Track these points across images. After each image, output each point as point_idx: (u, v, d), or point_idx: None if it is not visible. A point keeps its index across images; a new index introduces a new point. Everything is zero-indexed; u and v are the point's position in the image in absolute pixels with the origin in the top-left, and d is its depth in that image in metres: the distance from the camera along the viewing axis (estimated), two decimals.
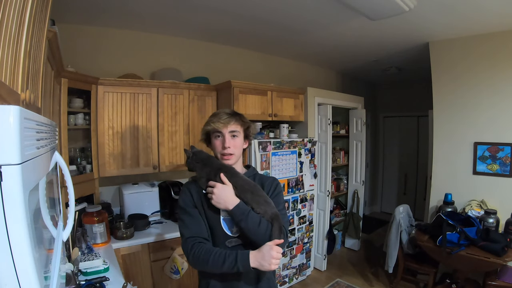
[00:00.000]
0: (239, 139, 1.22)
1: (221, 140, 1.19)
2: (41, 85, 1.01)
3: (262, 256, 1.01)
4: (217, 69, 3.20)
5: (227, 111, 1.22)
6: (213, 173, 1.14)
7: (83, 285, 1.46)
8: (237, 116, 1.22)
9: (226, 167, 1.17)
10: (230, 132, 1.19)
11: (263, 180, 1.26)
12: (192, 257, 1.10)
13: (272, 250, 1.01)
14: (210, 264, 1.06)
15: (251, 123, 1.28)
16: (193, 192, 1.19)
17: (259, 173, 1.32)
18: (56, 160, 0.92)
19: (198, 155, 1.20)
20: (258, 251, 1.03)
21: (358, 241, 4.02)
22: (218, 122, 1.17)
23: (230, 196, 1.10)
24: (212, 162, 1.18)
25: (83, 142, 2.38)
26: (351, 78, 5.05)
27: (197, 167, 1.18)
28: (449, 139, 2.98)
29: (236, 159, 1.21)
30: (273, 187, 1.24)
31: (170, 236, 2.30)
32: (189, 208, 1.17)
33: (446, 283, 2.59)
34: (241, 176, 1.17)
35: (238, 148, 1.21)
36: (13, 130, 0.48)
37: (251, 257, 1.02)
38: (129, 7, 2.28)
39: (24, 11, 0.71)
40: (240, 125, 1.22)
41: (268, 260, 1.00)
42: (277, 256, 1.01)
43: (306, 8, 2.35)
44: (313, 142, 3.19)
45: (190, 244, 1.11)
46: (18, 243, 0.50)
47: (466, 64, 2.87)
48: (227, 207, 1.09)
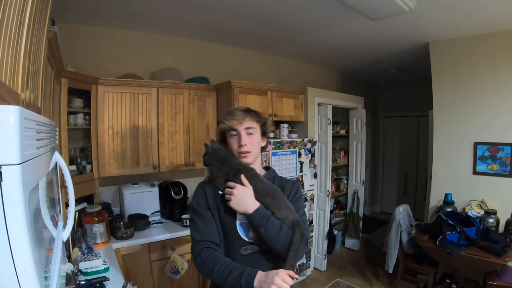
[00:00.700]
0: (256, 136, 1.16)
1: (237, 138, 1.14)
2: (41, 85, 1.01)
3: (265, 279, 0.92)
4: (217, 69, 3.20)
5: (242, 108, 1.18)
6: (232, 173, 1.08)
7: (83, 285, 1.46)
8: (252, 112, 1.17)
9: (246, 168, 1.11)
10: (246, 129, 1.13)
11: (283, 183, 1.20)
12: (199, 263, 1.05)
13: (277, 276, 0.91)
14: (215, 273, 1.00)
15: (267, 119, 1.22)
16: (208, 192, 1.13)
17: (279, 175, 1.26)
18: (56, 160, 0.92)
19: (217, 153, 1.13)
20: (265, 273, 0.95)
21: (358, 241, 4.02)
22: (233, 119, 1.12)
23: (250, 199, 1.04)
24: (231, 161, 1.11)
25: (83, 142, 2.38)
26: (351, 78, 5.05)
27: (215, 165, 1.12)
28: (449, 139, 2.98)
29: (254, 158, 1.16)
30: (293, 191, 1.17)
31: (170, 236, 2.30)
32: (202, 209, 1.11)
33: (446, 283, 2.59)
34: (261, 179, 1.11)
35: (255, 145, 1.15)
36: (13, 130, 0.48)
37: (257, 276, 0.94)
38: (129, 7, 2.28)
39: (24, 11, 0.71)
40: (256, 121, 1.16)
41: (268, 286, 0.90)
42: (280, 284, 0.90)
43: (306, 8, 2.35)
44: (313, 142, 3.19)
45: (198, 249, 1.06)
46: (18, 243, 0.49)
47: (466, 64, 2.86)
48: (246, 210, 1.02)
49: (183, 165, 2.65)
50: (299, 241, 1.02)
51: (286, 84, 3.54)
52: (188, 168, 2.68)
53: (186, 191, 2.67)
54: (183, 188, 2.65)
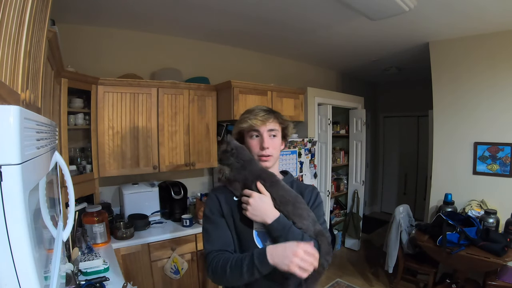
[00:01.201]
0: (278, 139, 1.09)
1: (259, 140, 1.05)
2: (41, 85, 1.01)
3: (282, 252, 0.83)
4: (217, 69, 3.20)
5: (263, 108, 1.08)
6: (251, 179, 0.99)
7: (83, 285, 1.46)
8: (275, 114, 1.08)
9: (267, 174, 1.02)
10: (269, 131, 1.05)
11: (301, 188, 1.11)
12: (212, 272, 0.95)
13: (298, 247, 0.83)
14: (229, 273, 0.90)
15: (289, 122, 1.14)
16: (222, 199, 1.04)
17: (296, 180, 1.17)
18: (56, 160, 0.92)
19: (240, 152, 1.01)
20: (280, 246, 0.86)
21: (358, 241, 4.02)
22: (255, 118, 1.03)
23: (269, 207, 0.95)
24: (252, 165, 1.01)
25: (83, 142, 2.38)
26: (351, 78, 5.05)
27: (235, 167, 1.00)
28: (449, 139, 2.98)
29: (274, 161, 1.08)
30: (313, 197, 1.09)
31: (170, 236, 2.30)
32: (216, 217, 1.02)
33: (446, 283, 2.59)
34: (282, 185, 1.02)
35: (276, 149, 1.08)
36: (13, 130, 0.48)
37: (269, 252, 0.84)
38: (129, 7, 2.28)
39: (24, 11, 0.71)
40: (279, 124, 1.08)
41: (289, 257, 0.81)
42: (301, 255, 0.81)
43: (306, 8, 2.35)
44: (313, 142, 3.19)
45: (210, 259, 0.97)
46: (18, 243, 0.49)
47: (466, 64, 2.86)
48: (264, 220, 0.94)
49: (183, 165, 2.65)
50: (328, 251, 0.94)
51: (286, 84, 3.54)
52: (188, 168, 2.68)
53: (186, 191, 2.67)
54: (183, 188, 2.65)
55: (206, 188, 3.17)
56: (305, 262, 0.82)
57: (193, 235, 2.40)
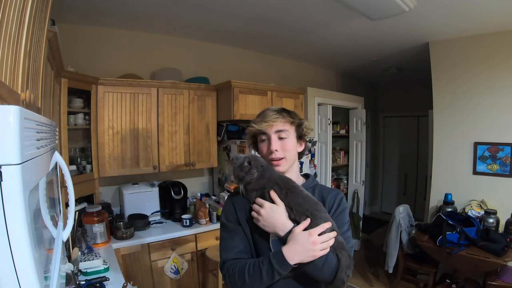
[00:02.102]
0: (290, 140, 1.01)
1: (267, 143, 1.00)
2: (41, 85, 1.01)
3: (302, 248, 0.83)
4: (217, 69, 3.20)
5: (274, 109, 1.03)
6: (268, 187, 0.94)
7: (83, 285, 1.46)
8: (284, 113, 1.02)
9: (284, 180, 0.96)
10: (277, 132, 0.99)
11: (324, 193, 1.03)
12: (229, 281, 0.92)
13: (311, 235, 0.83)
14: (248, 281, 0.87)
15: (304, 120, 1.06)
16: (238, 205, 1.00)
17: (319, 184, 1.09)
18: (56, 160, 0.92)
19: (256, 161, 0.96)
20: (292, 243, 0.85)
21: (358, 241, 4.02)
22: (262, 121, 0.99)
23: (281, 219, 0.89)
24: (271, 172, 0.96)
25: (83, 142, 2.38)
26: (351, 78, 5.05)
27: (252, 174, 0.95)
28: (449, 139, 2.98)
29: (288, 165, 1.02)
30: (336, 203, 1.00)
31: (170, 236, 2.30)
32: (231, 224, 0.99)
33: (446, 283, 2.59)
34: (300, 192, 0.94)
35: (289, 151, 1.00)
36: (13, 130, 0.48)
37: (287, 253, 0.84)
38: (129, 7, 2.28)
39: (24, 11, 0.71)
40: (290, 123, 1.01)
41: (311, 250, 0.83)
42: (319, 240, 0.83)
43: (306, 8, 2.35)
44: (313, 142, 3.19)
45: (226, 268, 0.94)
46: (18, 243, 0.50)
47: (466, 64, 2.86)
48: (276, 232, 0.89)
49: (183, 165, 2.65)
50: (348, 265, 0.89)
51: (286, 84, 3.54)
52: (188, 168, 2.68)
53: (186, 191, 2.67)
54: (183, 188, 2.65)
55: (206, 188, 3.18)
56: (325, 243, 0.85)
57: (193, 235, 2.40)
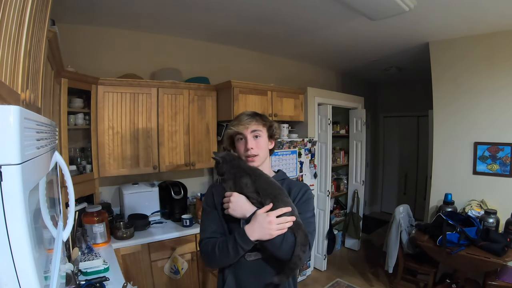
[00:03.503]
0: (262, 139, 1.18)
1: (244, 141, 1.16)
2: (41, 85, 1.01)
3: (259, 226, 0.98)
4: (217, 69, 3.20)
5: (248, 113, 1.20)
6: (239, 175, 1.11)
7: (83, 285, 1.46)
8: (257, 117, 1.19)
9: (252, 170, 1.13)
10: (252, 132, 1.16)
11: (291, 185, 1.19)
12: (204, 255, 1.11)
13: (268, 216, 0.99)
14: (218, 255, 1.05)
15: (274, 122, 1.24)
16: (216, 194, 1.17)
17: (289, 178, 1.26)
18: (56, 160, 0.92)
19: (226, 157, 1.16)
20: (253, 222, 1.00)
21: (358, 241, 4.02)
22: (239, 124, 1.16)
23: (245, 204, 1.06)
24: (239, 163, 1.14)
25: (83, 142, 2.38)
26: (351, 78, 5.05)
27: (226, 169, 1.14)
28: (449, 139, 2.98)
29: (261, 161, 1.18)
30: (301, 193, 1.16)
31: (170, 236, 2.30)
32: (209, 208, 1.17)
33: (446, 283, 2.59)
34: (266, 179, 1.11)
35: (261, 148, 1.17)
36: (13, 130, 0.48)
37: (248, 230, 1.00)
38: (129, 7, 2.28)
39: (24, 11, 0.71)
40: (262, 125, 1.18)
41: (267, 228, 0.97)
42: (275, 220, 0.98)
43: (306, 8, 2.35)
44: (313, 142, 3.19)
45: (202, 245, 1.12)
46: (18, 243, 0.50)
47: (466, 64, 2.87)
48: (244, 215, 1.05)
49: (183, 165, 2.65)
50: (303, 242, 1.01)
51: (286, 84, 3.54)
52: (188, 168, 2.68)
53: (186, 191, 2.67)
54: (183, 188, 2.65)
55: (206, 188, 3.18)
56: (281, 224, 0.99)
57: (193, 235, 2.40)
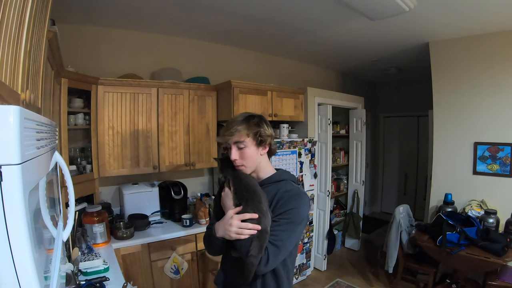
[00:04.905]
0: (248, 150, 1.12)
1: (230, 151, 1.14)
2: (41, 85, 1.01)
3: (223, 225, 1.06)
4: (217, 69, 3.20)
5: (236, 119, 1.14)
6: (228, 178, 1.18)
7: (83, 285, 1.46)
8: (244, 125, 1.11)
9: (236, 173, 1.16)
10: (235, 143, 1.12)
11: (281, 189, 1.11)
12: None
13: (232, 218, 1.04)
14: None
15: (260, 128, 1.13)
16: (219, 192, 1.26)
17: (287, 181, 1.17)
18: (56, 160, 0.92)
19: (224, 161, 1.22)
20: (220, 220, 1.08)
21: (358, 241, 4.02)
22: (223, 135, 1.14)
23: (228, 202, 1.11)
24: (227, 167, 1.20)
25: (83, 142, 2.38)
26: (351, 78, 5.05)
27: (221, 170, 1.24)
28: (449, 139, 2.98)
29: (250, 170, 1.16)
30: (283, 200, 1.07)
31: (170, 236, 2.30)
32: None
33: (446, 283, 2.59)
34: (245, 182, 1.11)
35: (246, 159, 1.12)
36: (13, 130, 0.48)
37: (216, 226, 1.09)
38: (129, 7, 2.28)
39: (24, 11, 0.71)
40: (246, 135, 1.11)
41: (226, 228, 1.03)
42: (235, 224, 1.02)
43: (306, 8, 2.35)
44: (313, 142, 3.19)
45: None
46: (18, 243, 0.50)
47: (466, 64, 2.86)
48: (225, 211, 1.11)
49: (183, 165, 2.65)
50: (254, 254, 0.98)
51: (286, 84, 3.54)
52: (188, 168, 2.68)
53: (186, 191, 2.67)
54: (183, 188, 2.65)
55: (206, 188, 3.17)
56: (240, 229, 1.01)
57: (193, 235, 2.40)
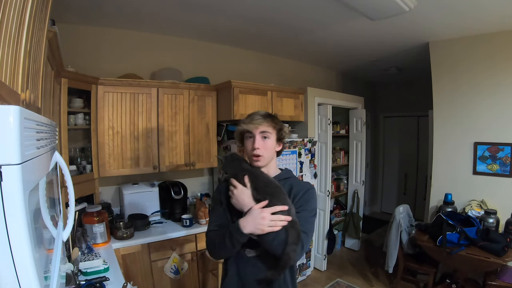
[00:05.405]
0: (270, 141, 1.20)
1: (252, 140, 1.19)
2: (41, 85, 1.01)
3: (252, 220, 1.03)
4: (217, 69, 3.19)
5: (262, 113, 1.22)
6: (239, 175, 1.15)
7: (83, 285, 1.46)
8: (269, 118, 1.21)
9: (251, 170, 1.17)
10: (261, 133, 1.18)
11: (294, 184, 1.21)
12: (207, 248, 1.16)
13: (263, 212, 1.03)
14: (218, 246, 1.11)
15: (284, 125, 1.26)
16: (222, 190, 1.22)
17: (294, 177, 1.28)
18: (56, 160, 0.92)
19: (228, 158, 1.23)
20: (247, 216, 1.05)
21: (358, 241, 4.02)
22: (250, 123, 1.18)
23: (247, 198, 1.09)
24: (240, 164, 1.19)
25: (83, 142, 2.38)
26: (351, 78, 5.05)
27: (228, 168, 1.21)
28: (449, 139, 2.98)
29: (266, 161, 1.20)
30: (301, 192, 1.18)
31: (170, 236, 2.30)
32: (215, 205, 1.24)
33: (446, 283, 2.59)
34: (263, 178, 1.14)
35: (268, 150, 1.19)
36: (13, 130, 0.48)
37: (242, 223, 1.04)
38: (129, 7, 2.28)
39: (24, 11, 0.71)
40: (272, 127, 1.20)
41: (259, 223, 1.01)
42: (268, 217, 1.02)
43: (306, 8, 2.35)
44: (313, 142, 3.19)
45: (207, 237, 1.17)
46: (18, 243, 0.50)
47: (466, 64, 2.86)
48: (242, 209, 1.09)
49: (183, 165, 2.65)
50: (294, 241, 1.03)
51: (286, 84, 3.54)
52: (188, 168, 2.68)
53: (186, 191, 2.67)
54: (183, 188, 2.65)
55: (206, 188, 3.18)
56: (273, 221, 1.02)
57: (193, 235, 2.40)
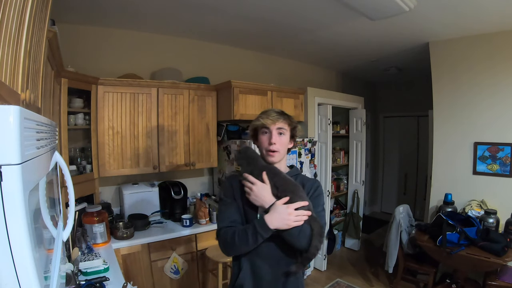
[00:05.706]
0: (285, 137, 1.23)
1: (268, 136, 1.21)
2: (41, 85, 1.01)
3: (278, 215, 1.04)
4: (217, 69, 3.19)
5: (277, 110, 1.25)
6: (255, 172, 1.16)
7: (83, 285, 1.46)
8: (285, 115, 1.24)
9: (268, 167, 1.18)
10: (278, 129, 1.20)
11: (304, 181, 1.25)
12: (222, 244, 1.14)
13: (288, 208, 1.04)
14: (238, 242, 1.09)
15: (298, 124, 1.29)
16: (234, 185, 1.22)
17: (302, 174, 1.32)
18: (56, 160, 0.92)
19: (243, 153, 1.24)
20: (272, 212, 1.06)
21: (358, 241, 4.02)
22: (267, 118, 1.20)
23: (268, 195, 1.11)
24: (256, 161, 1.20)
25: (83, 142, 2.38)
26: (351, 78, 5.05)
27: (242, 164, 1.21)
28: (449, 139, 2.98)
29: (280, 157, 1.22)
30: (313, 189, 1.23)
31: (170, 236, 2.30)
32: (228, 198, 1.21)
33: (446, 283, 2.59)
34: (283, 176, 1.17)
35: (283, 145, 1.22)
36: (13, 130, 0.48)
37: (268, 219, 1.05)
38: (129, 7, 2.28)
39: (24, 11, 0.71)
40: (288, 124, 1.23)
41: (286, 218, 1.03)
42: (294, 212, 1.04)
43: (306, 8, 2.35)
44: (313, 142, 3.19)
45: (220, 234, 1.15)
46: (18, 243, 0.50)
47: (466, 64, 2.86)
48: (263, 205, 1.10)
49: (183, 165, 2.65)
50: (320, 232, 1.08)
51: (286, 84, 3.54)
52: (188, 168, 2.68)
53: (186, 191, 2.67)
54: (183, 188, 2.65)
55: (206, 188, 3.18)
56: (299, 216, 1.05)
57: (193, 235, 2.40)
